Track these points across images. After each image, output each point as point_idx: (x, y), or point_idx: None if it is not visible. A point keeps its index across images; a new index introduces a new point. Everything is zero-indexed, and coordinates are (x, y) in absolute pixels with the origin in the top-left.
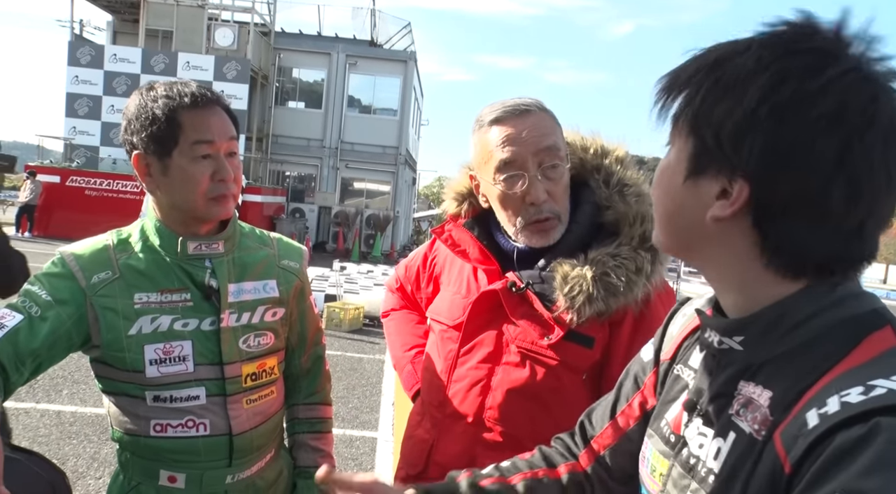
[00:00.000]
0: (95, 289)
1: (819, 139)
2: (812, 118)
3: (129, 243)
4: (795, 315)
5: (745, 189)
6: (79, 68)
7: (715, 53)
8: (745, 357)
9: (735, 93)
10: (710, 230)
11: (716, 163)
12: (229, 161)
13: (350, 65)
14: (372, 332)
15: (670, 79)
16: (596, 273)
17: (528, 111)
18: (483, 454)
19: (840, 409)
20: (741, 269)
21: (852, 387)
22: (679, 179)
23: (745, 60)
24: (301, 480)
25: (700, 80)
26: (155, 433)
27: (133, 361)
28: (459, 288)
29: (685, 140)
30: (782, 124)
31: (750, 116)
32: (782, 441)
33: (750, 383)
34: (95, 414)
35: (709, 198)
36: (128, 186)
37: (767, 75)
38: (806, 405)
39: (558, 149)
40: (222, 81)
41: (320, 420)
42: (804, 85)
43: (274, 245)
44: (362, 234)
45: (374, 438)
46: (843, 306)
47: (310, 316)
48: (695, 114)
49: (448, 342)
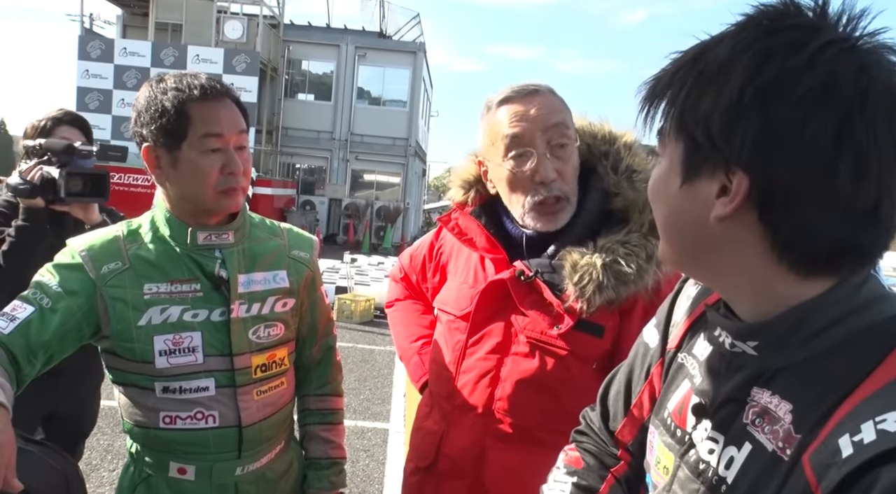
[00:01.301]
0: (105, 280)
1: (813, 115)
2: (802, 94)
3: (139, 234)
4: (816, 320)
5: (744, 181)
6: (89, 62)
7: (694, 50)
8: (759, 362)
9: (718, 82)
10: (715, 234)
11: (710, 160)
12: (239, 154)
13: (359, 56)
14: (383, 324)
15: (652, 84)
16: (606, 260)
17: (536, 91)
18: (493, 446)
19: (876, 439)
20: (753, 271)
21: (888, 412)
22: (675, 186)
23: (724, 47)
24: (311, 471)
25: (682, 77)
26: (164, 425)
27: (142, 352)
28: (467, 277)
29: (675, 144)
30: (772, 105)
31: (737, 103)
32: (812, 467)
33: (765, 391)
34: (109, 407)
35: (709, 200)
36: (139, 180)
37: (749, 56)
38: (837, 428)
39: (567, 127)
40: (232, 74)
41: (331, 411)
42: (788, 62)
43: (284, 235)
44: (373, 226)
45: (385, 429)
46: (869, 310)
47: (321, 306)
48: (681, 113)
49: (456, 332)
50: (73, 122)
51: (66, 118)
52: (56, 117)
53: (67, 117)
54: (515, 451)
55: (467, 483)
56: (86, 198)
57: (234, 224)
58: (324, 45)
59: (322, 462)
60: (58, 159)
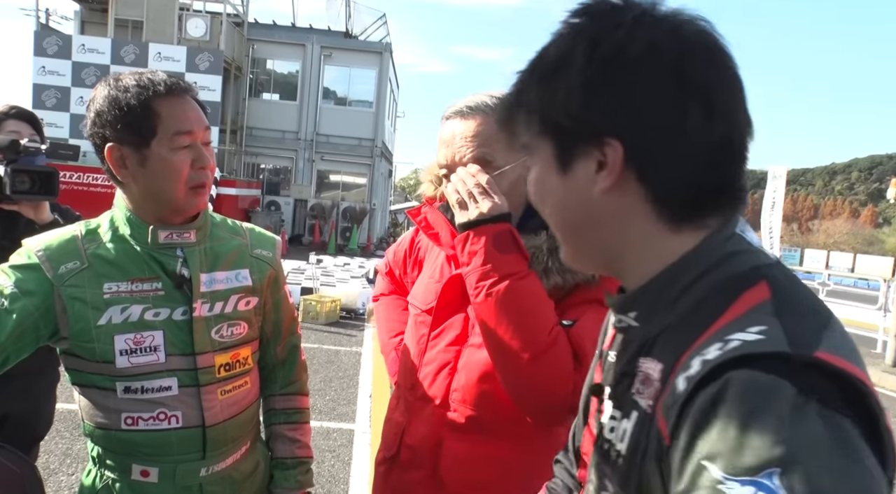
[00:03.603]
0: (63, 280)
1: (653, 72)
2: (636, 56)
3: (97, 233)
4: (684, 278)
5: (618, 148)
6: (45, 59)
7: (531, 61)
8: (642, 332)
9: (565, 70)
10: (602, 209)
11: (580, 141)
12: (206, 149)
13: (325, 56)
14: (348, 325)
15: (503, 104)
16: (553, 246)
17: (470, 114)
18: (449, 436)
19: (700, 368)
20: (638, 234)
21: (712, 345)
22: (554, 179)
23: (557, 44)
24: (278, 471)
25: (528, 86)
26: (126, 426)
27: (102, 352)
28: (434, 272)
29: (542, 143)
30: (616, 73)
31: (588, 81)
32: (662, 412)
33: (648, 358)
34: (67, 410)
35: (589, 179)
36: (98, 179)
37: (582, 40)
38: (679, 370)
39: (488, 161)
40: (195, 72)
41: (297, 410)
42: (616, 35)
43: (246, 235)
44: (338, 227)
45: (351, 430)
46: (727, 264)
47: (284, 305)
48: (541, 112)
49: (421, 326)
50: (20, 116)
51: (12, 112)
52: (2, 112)
53: (14, 111)
54: (469, 441)
55: (425, 473)
56: (34, 197)
57: (195, 223)
58: (289, 44)
59: (288, 461)
60: (3, 156)
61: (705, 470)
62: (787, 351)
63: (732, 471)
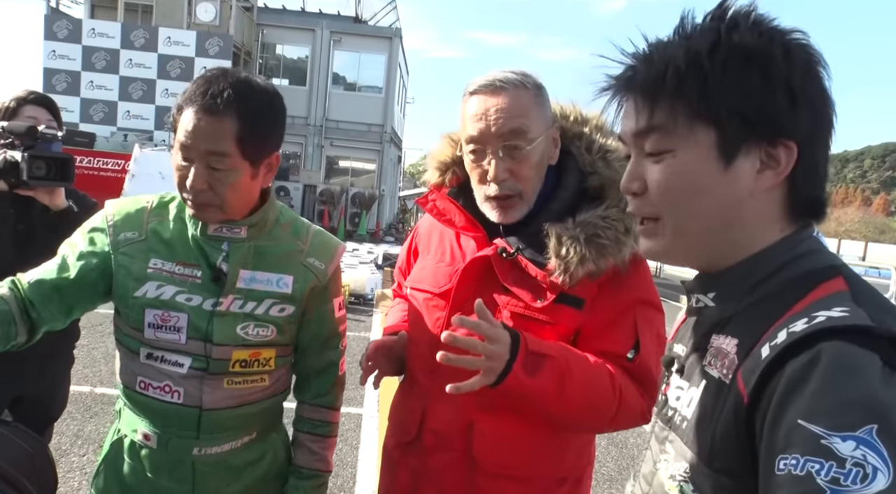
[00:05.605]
0: (119, 246)
1: (824, 84)
2: (819, 67)
3: (166, 209)
4: (764, 269)
5: (793, 150)
6: (56, 43)
7: (699, 43)
8: (717, 312)
9: (760, 70)
10: (747, 208)
11: (754, 135)
12: (210, 172)
13: (335, 41)
14: (357, 310)
15: (648, 78)
16: (588, 234)
17: (502, 88)
18: (481, 418)
19: (787, 338)
20: (764, 235)
21: (798, 320)
22: (716, 171)
23: (746, 37)
24: (293, 478)
25: (692, 64)
26: (139, 389)
27: (135, 320)
28: (443, 256)
29: (697, 133)
30: (805, 79)
31: (787, 82)
32: (742, 377)
33: (721, 335)
34: (79, 392)
35: (748, 176)
36: (109, 164)
37: (779, 46)
38: (761, 342)
39: (525, 132)
40: (204, 57)
41: (323, 423)
42: (802, 43)
43: (307, 241)
44: (347, 213)
45: (359, 414)
46: (805, 260)
47: (329, 319)
48: (707, 102)
49: (435, 310)
50: (38, 101)
51: (31, 98)
52: (21, 97)
53: (32, 96)
54: (502, 421)
55: (454, 455)
56: (50, 182)
57: (250, 219)
58: (298, 29)
59: (304, 471)
60: (21, 142)
61: (804, 428)
62: (871, 325)
63: (834, 428)
